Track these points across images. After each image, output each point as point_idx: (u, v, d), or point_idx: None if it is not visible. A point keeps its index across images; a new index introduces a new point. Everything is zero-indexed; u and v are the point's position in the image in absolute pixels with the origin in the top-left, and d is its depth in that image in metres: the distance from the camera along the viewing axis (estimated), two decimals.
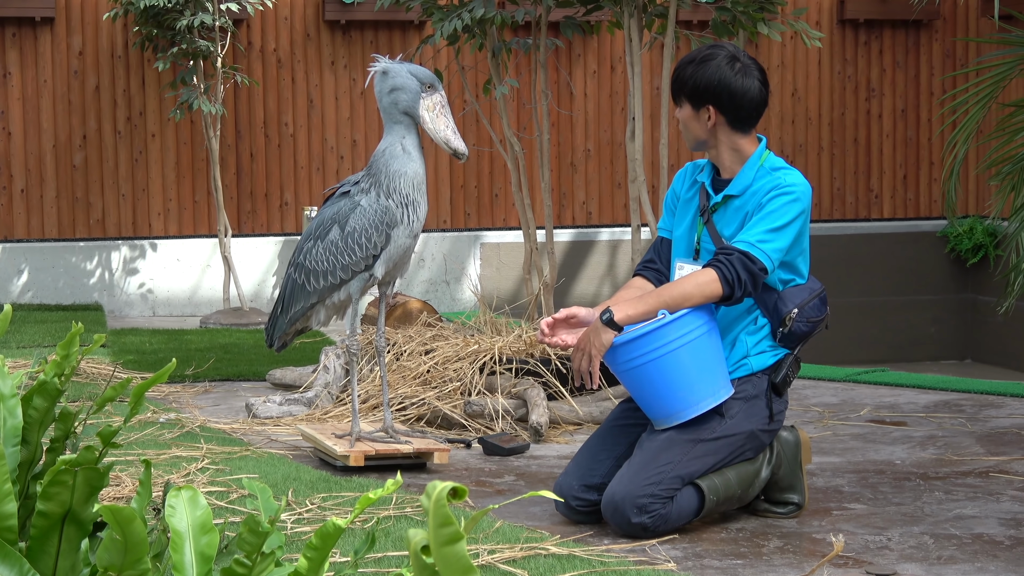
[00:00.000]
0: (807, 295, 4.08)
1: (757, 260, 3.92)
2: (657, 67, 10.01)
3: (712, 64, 4.05)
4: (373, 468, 4.68)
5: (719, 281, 3.89)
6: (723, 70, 4.04)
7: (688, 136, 4.17)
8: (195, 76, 8.92)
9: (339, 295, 4.76)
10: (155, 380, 2.44)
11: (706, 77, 4.05)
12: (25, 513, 2.43)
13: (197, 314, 9.64)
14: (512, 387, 5.51)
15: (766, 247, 3.95)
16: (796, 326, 4.04)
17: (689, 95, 4.09)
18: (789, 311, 4.03)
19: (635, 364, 3.93)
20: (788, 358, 4.08)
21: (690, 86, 4.08)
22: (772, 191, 4.00)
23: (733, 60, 4.07)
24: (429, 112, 4.54)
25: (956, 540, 3.85)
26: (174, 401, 6.07)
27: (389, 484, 1.98)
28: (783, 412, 4.11)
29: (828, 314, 4.16)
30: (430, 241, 9.98)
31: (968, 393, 6.27)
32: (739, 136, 4.09)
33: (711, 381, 3.96)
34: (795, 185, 4.01)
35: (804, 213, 4.02)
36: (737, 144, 4.10)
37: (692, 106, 4.10)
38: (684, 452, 3.93)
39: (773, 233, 3.96)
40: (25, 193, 9.54)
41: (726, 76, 4.04)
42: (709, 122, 4.08)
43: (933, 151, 10.96)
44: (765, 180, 4.03)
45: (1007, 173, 5.28)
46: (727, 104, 4.05)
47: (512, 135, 6.71)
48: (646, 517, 3.84)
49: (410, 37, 9.95)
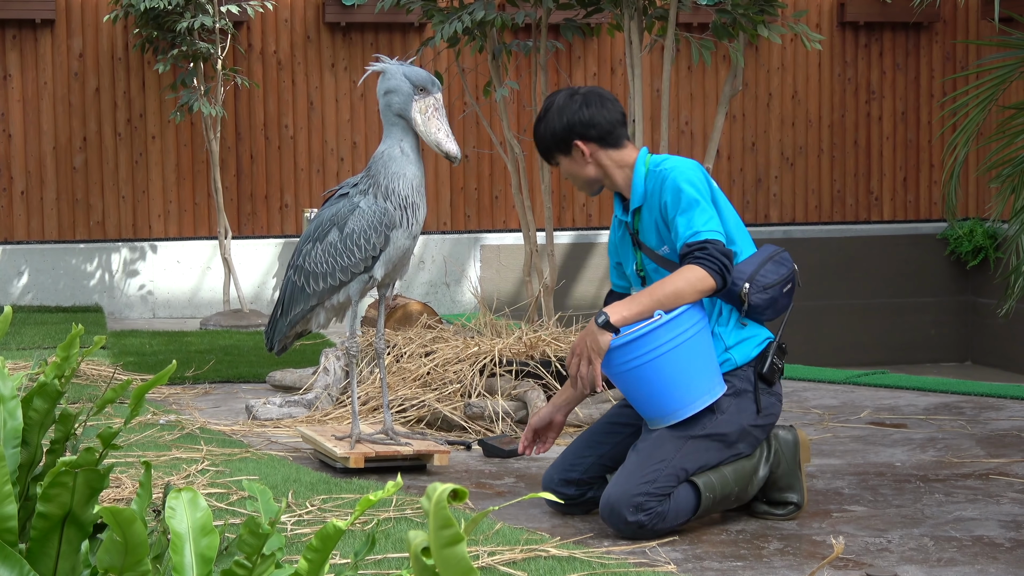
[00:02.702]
0: (754, 265, 4.08)
1: (714, 242, 3.94)
2: (657, 69, 10.01)
3: (553, 110, 4.20)
4: (373, 470, 4.69)
5: (709, 274, 3.91)
6: (565, 110, 4.18)
7: (581, 183, 4.27)
8: (195, 78, 8.93)
9: (338, 297, 4.75)
10: (155, 382, 2.44)
11: (557, 123, 4.18)
12: (25, 515, 2.43)
13: (197, 316, 9.64)
14: (512, 389, 5.52)
15: (705, 228, 3.96)
16: (754, 298, 4.04)
17: (556, 146, 4.22)
18: (741, 287, 4.03)
19: (632, 366, 3.93)
20: (771, 346, 4.08)
21: (549, 138, 4.22)
22: (663, 186, 4.06)
23: (570, 96, 4.21)
24: (422, 115, 4.52)
25: (956, 542, 3.85)
26: (174, 403, 6.08)
27: (389, 486, 1.98)
28: (776, 405, 4.10)
29: (793, 271, 4.15)
30: (430, 243, 9.99)
31: (968, 395, 6.27)
32: (617, 151, 4.19)
33: (706, 379, 3.96)
34: (675, 168, 4.07)
35: (697, 181, 4.04)
36: (620, 160, 4.19)
37: (564, 154, 4.22)
38: (677, 449, 3.94)
39: (697, 216, 3.97)
40: (25, 195, 9.55)
41: (570, 110, 4.18)
42: (586, 156, 4.18)
43: (933, 153, 10.96)
44: (653, 181, 4.10)
45: (1007, 175, 5.28)
46: (589, 131, 4.17)
47: (512, 137, 6.71)
48: (642, 515, 3.85)
49: (410, 39, 9.95)
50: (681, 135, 10.50)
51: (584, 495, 4.18)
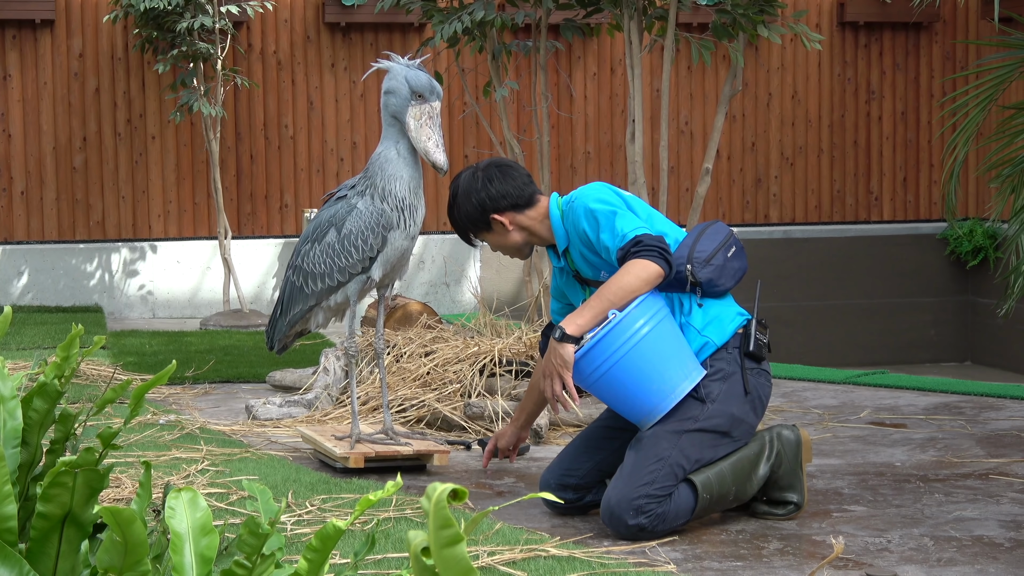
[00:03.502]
0: (687, 247, 4.09)
1: (647, 234, 3.96)
2: (657, 70, 10.01)
3: (460, 195, 4.27)
4: (373, 470, 4.69)
5: (651, 261, 3.91)
6: (471, 192, 4.24)
7: (511, 252, 4.34)
8: (195, 78, 8.93)
9: (337, 297, 4.75)
10: (155, 382, 2.44)
11: (468, 206, 4.26)
12: (25, 515, 2.43)
13: (197, 316, 9.64)
14: (512, 389, 5.52)
15: (631, 227, 3.98)
16: (701, 274, 4.04)
17: (475, 227, 4.30)
18: (684, 271, 4.03)
19: (602, 371, 3.92)
20: (751, 323, 4.08)
21: (467, 221, 4.30)
22: (575, 216, 4.12)
23: (472, 176, 4.27)
24: (415, 120, 4.50)
25: (956, 542, 3.85)
26: (174, 403, 6.08)
27: (389, 486, 1.98)
28: (765, 386, 4.08)
29: (729, 233, 4.15)
30: (430, 243, 9.99)
31: (968, 395, 6.27)
32: (533, 209, 4.25)
33: (681, 365, 3.94)
34: (580, 195, 4.14)
35: (610, 195, 4.09)
36: (538, 215, 4.25)
37: (486, 231, 4.29)
38: (672, 446, 3.92)
39: (618, 223, 4.00)
40: (25, 195, 9.55)
41: (478, 192, 4.24)
42: (508, 225, 4.24)
43: (933, 153, 10.96)
44: (568, 218, 4.16)
45: (1007, 175, 5.28)
46: (501, 203, 4.22)
47: (512, 137, 6.71)
48: (643, 518, 3.85)
49: (410, 39, 9.95)
50: (681, 135, 10.50)
51: (582, 499, 4.18)
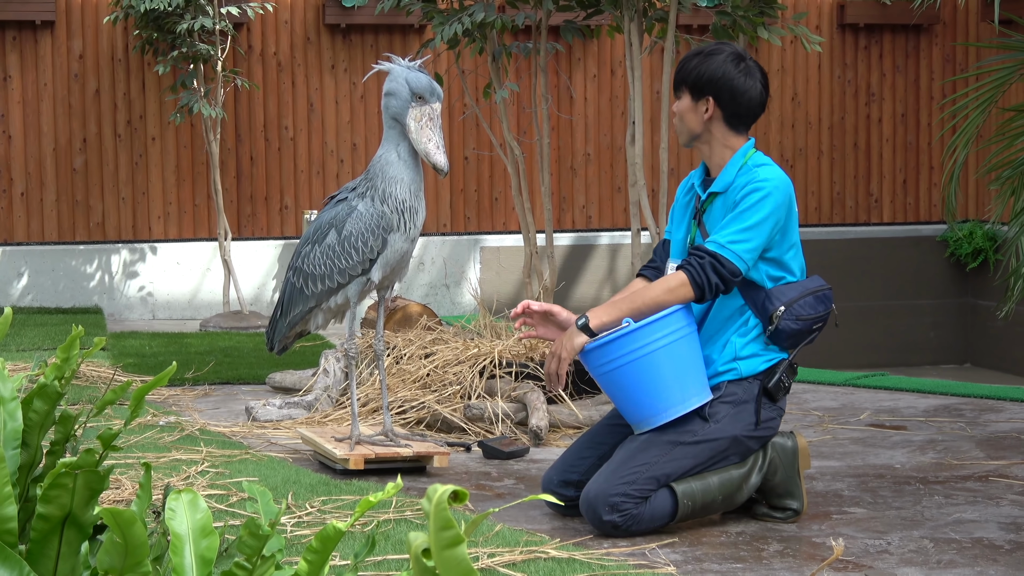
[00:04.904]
0: (797, 292, 4.07)
1: (727, 262, 3.94)
2: (657, 71, 10.01)
3: (718, 58, 4.10)
4: (373, 471, 4.69)
5: (688, 284, 3.93)
6: (727, 66, 4.09)
7: (682, 129, 4.19)
8: (195, 80, 8.93)
9: (337, 299, 4.76)
10: (155, 383, 2.44)
11: (710, 70, 4.09)
12: (25, 516, 2.43)
13: (197, 317, 9.64)
14: (512, 391, 5.52)
15: (738, 248, 3.95)
16: (784, 324, 4.03)
17: (691, 85, 4.12)
18: (776, 309, 4.03)
19: (608, 368, 3.97)
20: (782, 364, 4.07)
21: (693, 76, 4.11)
22: (746, 187, 4.02)
23: (739, 59, 4.12)
24: (416, 122, 4.50)
25: (956, 544, 3.85)
26: (174, 404, 6.07)
27: (389, 487, 1.98)
28: (776, 420, 4.08)
29: (831, 312, 4.14)
30: (430, 245, 9.99)
31: (968, 397, 6.26)
32: (732, 135, 4.12)
33: (684, 387, 3.95)
34: (768, 180, 4.01)
35: (780, 208, 4.01)
36: (729, 142, 4.12)
37: (692, 97, 4.13)
38: (662, 454, 3.93)
39: (745, 232, 3.96)
40: (25, 196, 9.55)
41: (729, 72, 4.08)
42: (706, 115, 4.11)
43: (933, 155, 10.96)
44: (743, 177, 4.05)
45: (1007, 178, 5.28)
46: (726, 99, 4.09)
47: (512, 139, 6.71)
48: (616, 516, 3.86)
49: (410, 41, 9.95)
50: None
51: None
